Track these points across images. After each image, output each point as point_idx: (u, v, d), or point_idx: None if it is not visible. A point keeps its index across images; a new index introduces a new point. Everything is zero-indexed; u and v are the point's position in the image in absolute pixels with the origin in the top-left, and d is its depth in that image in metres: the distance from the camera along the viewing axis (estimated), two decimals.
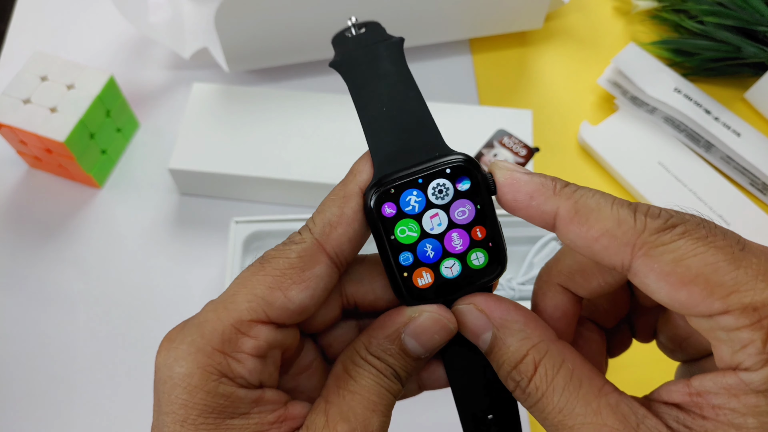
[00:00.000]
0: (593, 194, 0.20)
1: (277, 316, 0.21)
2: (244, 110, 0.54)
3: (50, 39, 0.64)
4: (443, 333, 0.22)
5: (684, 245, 0.18)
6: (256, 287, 0.21)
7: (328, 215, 0.22)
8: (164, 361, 0.20)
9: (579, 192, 0.20)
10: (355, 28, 0.26)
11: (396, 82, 0.24)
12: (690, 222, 0.19)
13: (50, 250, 0.52)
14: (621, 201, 0.20)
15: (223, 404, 0.20)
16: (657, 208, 0.19)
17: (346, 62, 0.25)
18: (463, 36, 0.62)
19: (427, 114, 0.24)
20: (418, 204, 0.22)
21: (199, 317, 0.21)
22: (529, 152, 0.53)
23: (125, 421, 0.46)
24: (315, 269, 0.22)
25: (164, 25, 0.58)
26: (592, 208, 0.20)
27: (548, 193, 0.21)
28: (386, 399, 0.22)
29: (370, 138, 0.23)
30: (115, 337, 0.49)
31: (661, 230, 0.19)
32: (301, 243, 0.22)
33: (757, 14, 0.58)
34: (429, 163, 0.22)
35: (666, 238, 0.18)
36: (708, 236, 0.18)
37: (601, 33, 0.66)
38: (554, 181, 0.21)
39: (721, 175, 0.56)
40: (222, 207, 0.54)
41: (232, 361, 0.21)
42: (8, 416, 0.46)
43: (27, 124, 0.49)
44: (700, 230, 0.18)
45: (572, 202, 0.20)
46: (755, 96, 0.60)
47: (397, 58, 0.25)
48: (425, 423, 0.44)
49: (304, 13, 0.54)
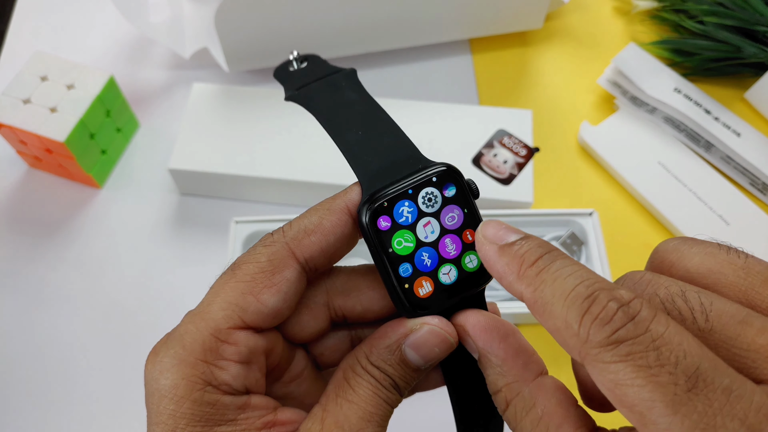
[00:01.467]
0: (554, 279, 0.18)
1: (253, 320, 0.22)
2: (244, 110, 0.54)
3: (50, 39, 0.64)
4: (443, 346, 0.23)
5: (624, 369, 0.16)
6: (229, 294, 0.22)
7: (306, 222, 0.23)
8: (151, 374, 0.21)
9: (541, 276, 0.19)
10: (296, 62, 0.28)
11: (364, 108, 0.25)
12: (640, 341, 0.16)
13: (50, 250, 0.52)
14: (577, 292, 0.18)
15: (209, 412, 0.21)
16: (613, 308, 0.17)
17: (308, 95, 0.26)
18: (463, 36, 0.62)
19: (402, 133, 0.25)
20: (411, 214, 0.23)
21: (179, 329, 0.22)
22: (529, 152, 0.53)
23: (125, 420, 0.46)
24: (284, 273, 0.22)
25: (164, 25, 0.58)
26: (546, 302, 0.18)
27: (513, 275, 0.20)
28: (383, 410, 0.22)
29: (353, 162, 0.24)
30: (114, 337, 0.49)
31: (604, 346, 0.16)
32: (272, 246, 0.22)
33: (757, 14, 0.58)
34: (415, 174, 0.23)
35: (607, 357, 0.16)
36: (653, 366, 0.16)
37: (601, 33, 0.66)
38: (522, 259, 0.20)
39: (721, 175, 0.56)
40: (222, 207, 0.54)
41: (215, 369, 0.21)
42: (8, 416, 0.46)
43: (27, 124, 0.49)
44: (647, 356, 0.16)
45: (531, 290, 0.19)
46: (755, 96, 0.60)
47: (357, 87, 0.26)
48: (423, 422, 0.44)
49: (304, 13, 0.54)
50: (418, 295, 0.23)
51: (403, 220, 0.23)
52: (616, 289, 0.17)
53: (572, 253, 0.47)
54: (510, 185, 0.51)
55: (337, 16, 0.55)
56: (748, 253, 0.19)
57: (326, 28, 0.56)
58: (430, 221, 0.23)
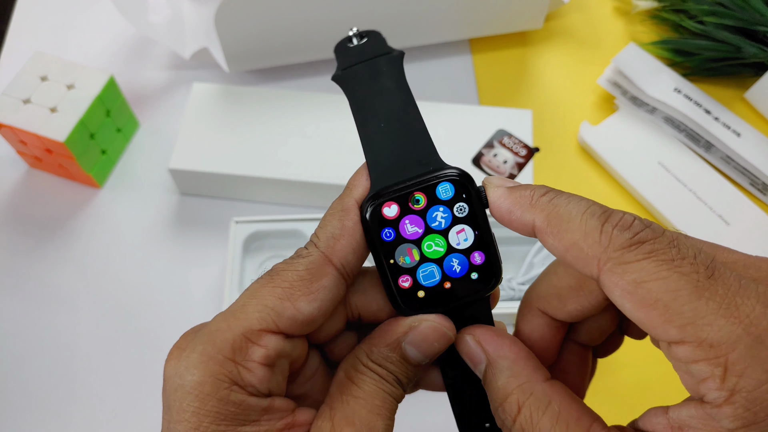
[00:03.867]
0: (567, 202, 0.20)
1: (287, 326, 0.22)
2: (244, 110, 0.54)
3: (50, 39, 0.64)
4: (442, 341, 0.23)
5: (647, 266, 0.17)
6: (266, 298, 0.22)
7: (331, 229, 0.23)
8: (175, 369, 0.21)
9: (554, 201, 0.20)
10: (356, 38, 0.27)
11: (395, 98, 0.25)
12: (660, 240, 0.18)
13: (50, 250, 0.52)
14: (593, 209, 0.19)
15: (234, 412, 0.21)
16: (630, 218, 0.19)
17: (349, 78, 0.26)
18: (463, 36, 0.62)
19: (424, 129, 0.24)
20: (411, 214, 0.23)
21: (210, 326, 0.22)
22: (529, 152, 0.53)
23: (125, 420, 0.46)
24: (323, 281, 0.22)
25: (164, 25, 0.58)
26: (563, 219, 0.19)
27: (525, 205, 0.21)
28: (389, 403, 0.23)
29: (369, 153, 0.24)
30: (115, 337, 0.49)
31: (627, 247, 0.18)
32: (308, 256, 0.23)
33: (757, 14, 0.58)
34: (424, 176, 0.23)
35: (630, 256, 0.18)
36: (675, 259, 0.17)
37: (601, 33, 0.66)
38: (533, 191, 0.21)
39: (721, 175, 0.56)
40: (222, 207, 0.54)
41: (242, 370, 0.21)
42: (8, 416, 0.46)
43: (27, 124, 0.49)
44: (669, 251, 0.17)
45: (546, 213, 0.20)
46: (755, 96, 0.60)
47: (397, 74, 0.26)
48: (426, 426, 0.44)
49: (304, 13, 0.54)
50: (417, 295, 0.23)
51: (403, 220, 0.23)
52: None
53: None
54: None
55: (338, 16, 0.55)
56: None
57: (326, 28, 0.56)
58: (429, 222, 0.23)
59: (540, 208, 0.20)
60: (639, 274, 0.17)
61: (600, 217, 0.19)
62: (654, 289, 0.17)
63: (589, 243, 0.18)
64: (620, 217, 0.19)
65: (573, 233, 0.19)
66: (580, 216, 0.19)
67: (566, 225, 0.19)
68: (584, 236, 0.19)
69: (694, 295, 0.17)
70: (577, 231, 0.19)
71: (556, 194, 0.21)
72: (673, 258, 0.17)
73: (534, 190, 0.21)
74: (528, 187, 0.21)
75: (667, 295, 0.17)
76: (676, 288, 0.17)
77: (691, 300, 0.17)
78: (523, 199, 0.21)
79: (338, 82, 0.26)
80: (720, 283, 0.17)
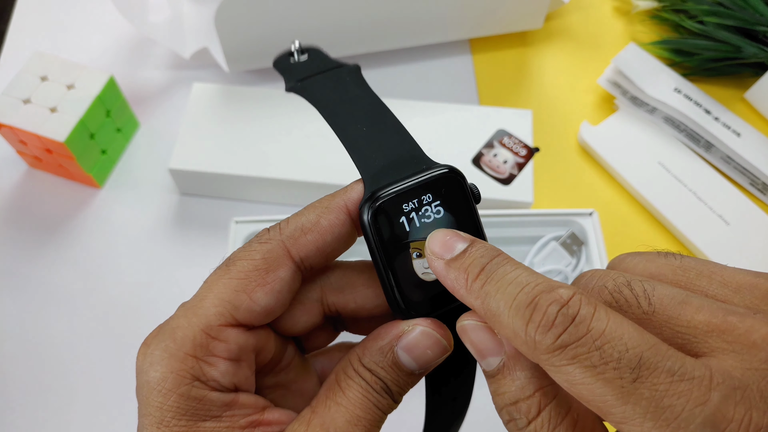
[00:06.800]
0: (496, 291, 0.19)
1: (244, 318, 0.22)
2: (244, 110, 0.54)
3: (50, 39, 0.64)
4: (436, 349, 0.22)
5: (573, 372, 0.17)
6: (222, 291, 0.22)
7: (303, 220, 0.23)
8: (141, 366, 0.21)
9: (485, 289, 0.19)
10: (297, 53, 0.27)
11: (368, 104, 0.25)
12: (583, 343, 0.17)
13: (50, 250, 0.52)
14: (519, 301, 0.18)
15: (195, 407, 0.21)
16: (553, 313, 0.17)
17: (310, 88, 0.26)
18: (463, 36, 0.62)
19: (405, 132, 0.24)
20: (412, 215, 0.23)
21: (171, 323, 0.22)
22: (529, 152, 0.53)
23: (125, 420, 0.46)
24: (278, 272, 0.22)
25: (164, 25, 0.58)
26: (493, 314, 0.19)
27: (462, 292, 0.20)
28: (372, 414, 0.22)
29: (357, 157, 0.24)
30: (114, 337, 0.49)
31: (551, 351, 0.17)
32: (267, 243, 0.22)
33: (757, 14, 0.58)
34: (418, 175, 0.23)
35: (556, 361, 0.17)
36: (598, 365, 0.17)
37: (601, 33, 0.66)
38: (467, 273, 0.20)
39: (721, 175, 0.56)
40: (222, 207, 0.54)
41: (204, 365, 0.21)
42: (8, 416, 0.46)
43: (27, 124, 0.49)
44: (591, 356, 0.17)
45: (479, 303, 0.20)
46: (755, 96, 0.60)
47: (362, 83, 0.26)
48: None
49: (304, 13, 0.54)
50: (415, 296, 0.23)
51: (403, 220, 0.23)
52: (556, 288, 0.18)
53: (572, 253, 0.47)
54: (510, 185, 0.51)
55: (338, 16, 0.55)
56: (684, 255, 0.21)
57: (326, 28, 0.56)
58: (429, 223, 0.23)
59: (474, 296, 0.20)
60: (569, 377, 0.17)
61: (523, 316, 0.18)
62: (584, 392, 0.17)
63: (519, 343, 0.18)
64: (543, 313, 0.18)
65: (504, 330, 0.19)
66: (507, 313, 0.18)
67: (497, 321, 0.19)
68: (513, 335, 0.18)
69: (620, 401, 0.16)
70: (506, 328, 0.18)
71: (488, 275, 0.20)
72: (595, 364, 0.17)
73: (468, 269, 0.20)
74: (465, 262, 0.20)
75: (597, 399, 0.17)
76: (602, 393, 0.17)
77: (618, 404, 0.16)
78: (459, 282, 0.20)
79: (299, 93, 0.26)
80: (647, 385, 0.16)
